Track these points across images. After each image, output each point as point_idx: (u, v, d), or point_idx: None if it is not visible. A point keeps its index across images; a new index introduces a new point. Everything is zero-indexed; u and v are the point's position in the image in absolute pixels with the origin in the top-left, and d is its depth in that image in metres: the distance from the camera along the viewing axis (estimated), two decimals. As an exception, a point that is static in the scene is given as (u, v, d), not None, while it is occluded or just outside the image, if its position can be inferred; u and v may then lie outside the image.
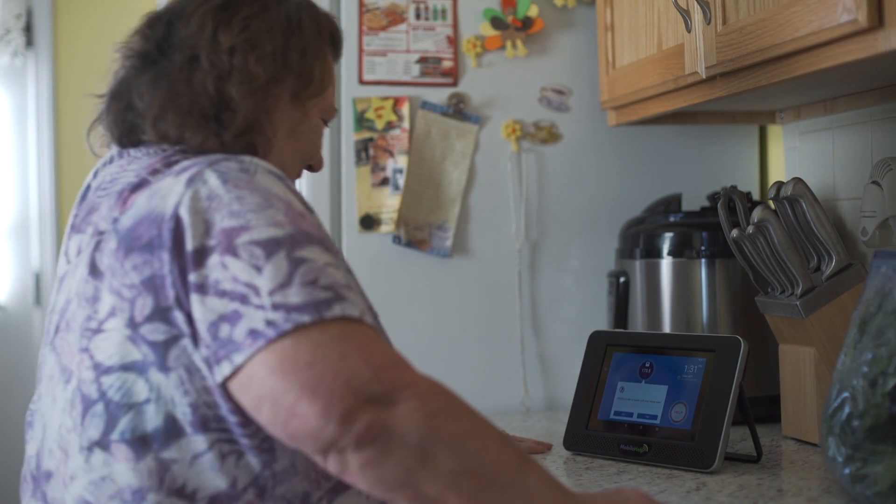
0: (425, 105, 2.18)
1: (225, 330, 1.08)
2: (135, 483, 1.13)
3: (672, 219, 2.06)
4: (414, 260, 2.19)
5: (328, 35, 1.38)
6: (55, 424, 1.21)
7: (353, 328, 1.09)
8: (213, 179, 1.14)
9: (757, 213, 1.72)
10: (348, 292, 1.11)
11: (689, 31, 1.75)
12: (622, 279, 2.10)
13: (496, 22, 2.20)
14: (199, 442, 1.12)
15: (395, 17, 2.18)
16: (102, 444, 1.14)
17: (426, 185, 2.18)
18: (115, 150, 1.32)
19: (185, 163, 1.19)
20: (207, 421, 1.12)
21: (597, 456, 1.71)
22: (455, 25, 2.19)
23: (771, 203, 1.80)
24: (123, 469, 1.13)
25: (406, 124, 2.17)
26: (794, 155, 2.13)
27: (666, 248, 2.03)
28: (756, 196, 2.28)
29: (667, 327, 2.03)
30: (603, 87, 2.14)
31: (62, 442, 1.19)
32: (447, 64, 2.19)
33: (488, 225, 2.22)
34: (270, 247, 1.10)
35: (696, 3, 1.70)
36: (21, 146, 3.85)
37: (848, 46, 1.37)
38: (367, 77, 2.17)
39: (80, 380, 1.17)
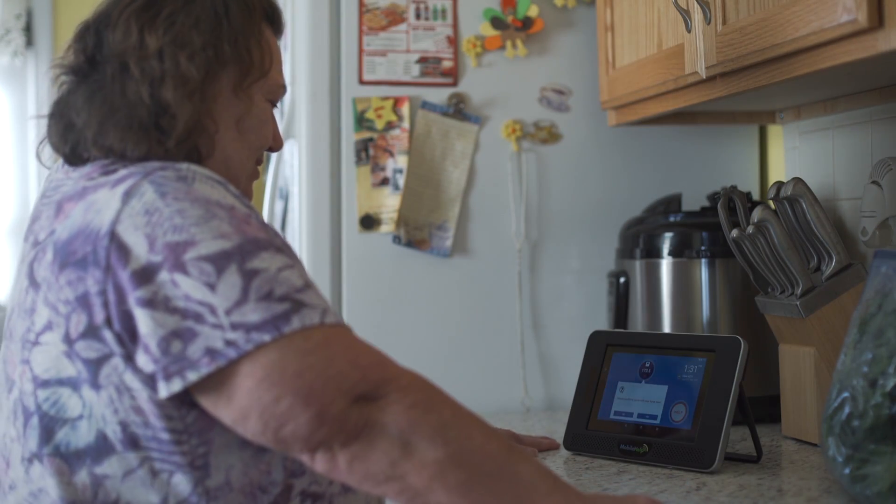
0: (425, 105, 2.18)
1: (176, 346, 1.07)
2: (68, 497, 1.13)
3: (672, 219, 2.06)
4: (414, 260, 2.19)
5: (260, 12, 1.32)
6: (0, 433, 1.21)
7: (332, 331, 1.10)
8: (149, 192, 1.12)
9: (757, 213, 1.72)
10: (305, 296, 1.10)
11: (689, 31, 1.75)
12: (622, 279, 2.10)
13: (496, 22, 2.20)
14: (129, 459, 1.12)
15: (395, 17, 2.18)
16: (39, 456, 1.14)
17: (426, 185, 2.18)
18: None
19: (122, 172, 1.16)
20: (137, 439, 1.12)
21: (597, 456, 1.70)
22: (455, 25, 2.19)
23: (771, 203, 1.80)
24: (57, 482, 1.13)
25: (406, 124, 2.17)
26: (794, 155, 2.13)
27: (666, 248, 2.03)
28: (756, 196, 2.28)
29: (667, 327, 2.03)
30: (603, 87, 2.14)
31: (5, 451, 1.19)
32: (447, 64, 2.19)
33: (488, 225, 2.22)
34: (220, 261, 1.08)
35: (696, 3, 1.70)
36: (21, 146, 3.85)
37: (848, 46, 1.37)
38: (367, 77, 2.17)
39: (21, 391, 1.16)
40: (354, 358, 1.08)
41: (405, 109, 2.17)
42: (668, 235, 2.03)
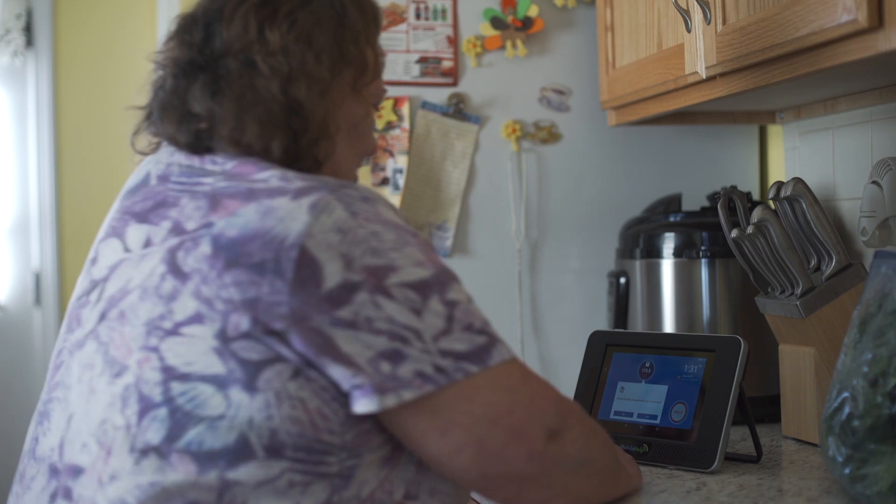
0: (425, 105, 2.18)
1: (385, 367, 1.09)
2: (191, 496, 1.09)
3: (672, 219, 2.06)
4: (414, 260, 2.19)
5: (372, 17, 1.32)
6: (94, 418, 1.14)
7: (522, 367, 1.19)
8: (339, 210, 1.11)
9: (757, 213, 1.72)
10: (493, 330, 1.18)
11: (689, 31, 1.75)
12: (622, 279, 2.10)
13: (496, 22, 2.20)
14: (270, 467, 1.09)
15: (395, 17, 2.18)
16: (161, 450, 1.10)
17: (426, 185, 2.18)
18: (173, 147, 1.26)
19: (298, 182, 1.14)
20: (283, 448, 1.09)
21: (597, 456, 1.70)
22: (455, 25, 2.19)
23: (771, 203, 1.80)
24: (181, 480, 1.09)
25: (406, 124, 2.17)
26: (794, 155, 2.13)
27: (666, 248, 2.03)
28: (756, 196, 2.28)
29: (667, 327, 2.03)
30: (603, 87, 2.14)
31: (104, 438, 1.13)
32: (447, 64, 2.19)
33: (488, 225, 2.22)
34: (423, 289, 1.12)
35: (696, 3, 1.70)
36: (21, 146, 3.86)
37: (848, 46, 1.37)
38: (367, 77, 2.17)
39: (140, 378, 1.12)
40: (546, 393, 1.19)
41: (405, 109, 2.17)
42: (669, 235, 2.03)
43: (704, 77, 1.73)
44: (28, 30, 3.80)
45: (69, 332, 1.23)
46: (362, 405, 1.09)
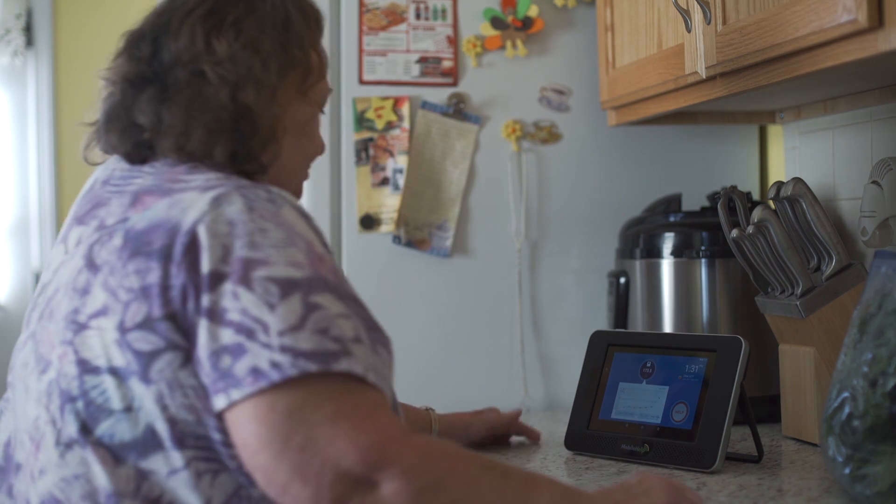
0: (425, 105, 2.18)
1: (225, 361, 1.08)
2: (111, 487, 1.11)
3: (672, 219, 2.06)
4: (414, 260, 2.19)
5: (314, 20, 1.36)
6: (30, 415, 1.18)
7: (353, 394, 1.09)
8: (238, 204, 1.13)
9: (757, 213, 1.72)
10: (356, 347, 1.11)
11: (689, 31, 1.75)
12: (622, 279, 2.10)
13: (496, 22, 2.20)
14: (175, 458, 1.11)
15: (395, 17, 2.18)
16: (81, 442, 1.13)
17: (426, 185, 2.18)
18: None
19: (213, 179, 1.18)
20: (185, 438, 1.11)
21: (598, 456, 1.71)
22: (455, 25, 2.19)
23: (771, 203, 1.80)
24: (101, 471, 1.12)
25: (406, 124, 2.17)
26: (794, 155, 2.13)
27: (666, 248, 2.03)
28: (756, 196, 2.28)
29: (667, 327, 2.03)
30: (603, 87, 2.14)
31: (34, 434, 1.17)
32: (447, 64, 2.19)
33: (488, 225, 2.22)
34: (287, 287, 1.10)
35: (696, 3, 1.70)
36: (21, 146, 3.86)
37: (848, 46, 1.37)
38: (367, 77, 2.17)
39: (60, 373, 1.15)
40: (356, 436, 1.06)
41: (405, 109, 2.17)
42: (668, 235, 2.03)
43: (704, 77, 1.73)
44: (28, 30, 3.80)
45: (22, 336, 1.27)
46: (213, 403, 1.09)
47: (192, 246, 1.11)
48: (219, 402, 1.08)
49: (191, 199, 1.15)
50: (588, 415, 1.74)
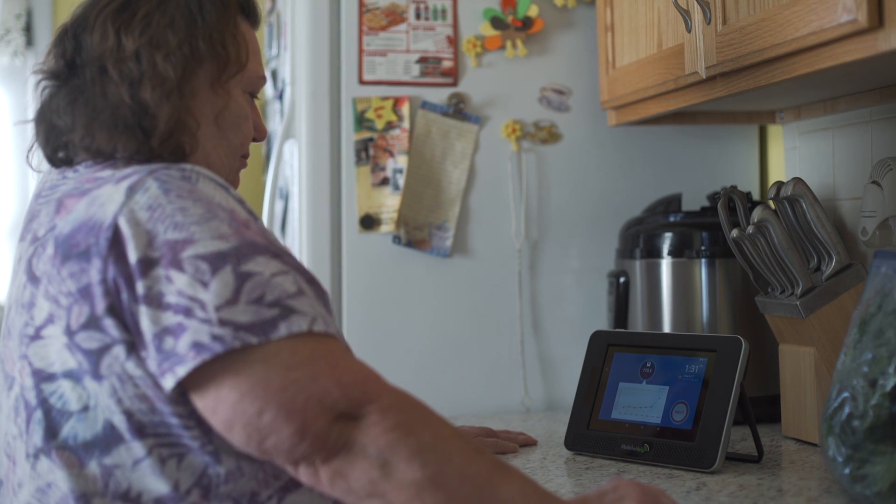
0: (425, 105, 2.18)
1: (169, 342, 1.09)
2: (79, 489, 1.13)
3: (672, 219, 2.06)
4: (414, 260, 2.19)
5: (235, 6, 1.34)
6: (5, 432, 1.21)
7: (320, 346, 1.11)
8: (153, 188, 1.14)
9: (757, 213, 1.72)
10: (297, 302, 1.12)
11: (689, 31, 1.75)
12: (622, 279, 2.10)
13: (496, 22, 2.20)
14: (137, 448, 1.13)
15: (395, 17, 2.18)
16: (45, 450, 1.15)
17: (426, 185, 2.18)
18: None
19: (126, 170, 1.18)
20: (143, 427, 1.13)
21: (598, 456, 1.71)
22: (455, 25, 2.19)
23: (771, 203, 1.80)
24: (67, 475, 1.14)
25: (406, 124, 2.17)
26: (794, 155, 2.13)
27: (666, 248, 2.03)
28: (756, 196, 2.28)
29: (667, 327, 2.03)
30: (603, 87, 2.14)
31: (9, 450, 1.20)
32: (447, 64, 2.19)
33: (488, 225, 2.22)
34: (216, 261, 1.10)
35: (696, 3, 1.70)
36: (21, 146, 3.86)
37: (848, 46, 1.37)
38: (367, 77, 2.17)
39: (21, 386, 1.17)
40: (338, 375, 1.10)
41: (405, 109, 2.17)
42: (668, 235, 2.03)
43: (704, 77, 1.73)
44: (28, 30, 3.80)
45: None
46: (163, 386, 1.11)
47: (117, 239, 1.12)
48: (167, 383, 1.09)
49: (107, 194, 1.15)
50: (588, 415, 1.74)
